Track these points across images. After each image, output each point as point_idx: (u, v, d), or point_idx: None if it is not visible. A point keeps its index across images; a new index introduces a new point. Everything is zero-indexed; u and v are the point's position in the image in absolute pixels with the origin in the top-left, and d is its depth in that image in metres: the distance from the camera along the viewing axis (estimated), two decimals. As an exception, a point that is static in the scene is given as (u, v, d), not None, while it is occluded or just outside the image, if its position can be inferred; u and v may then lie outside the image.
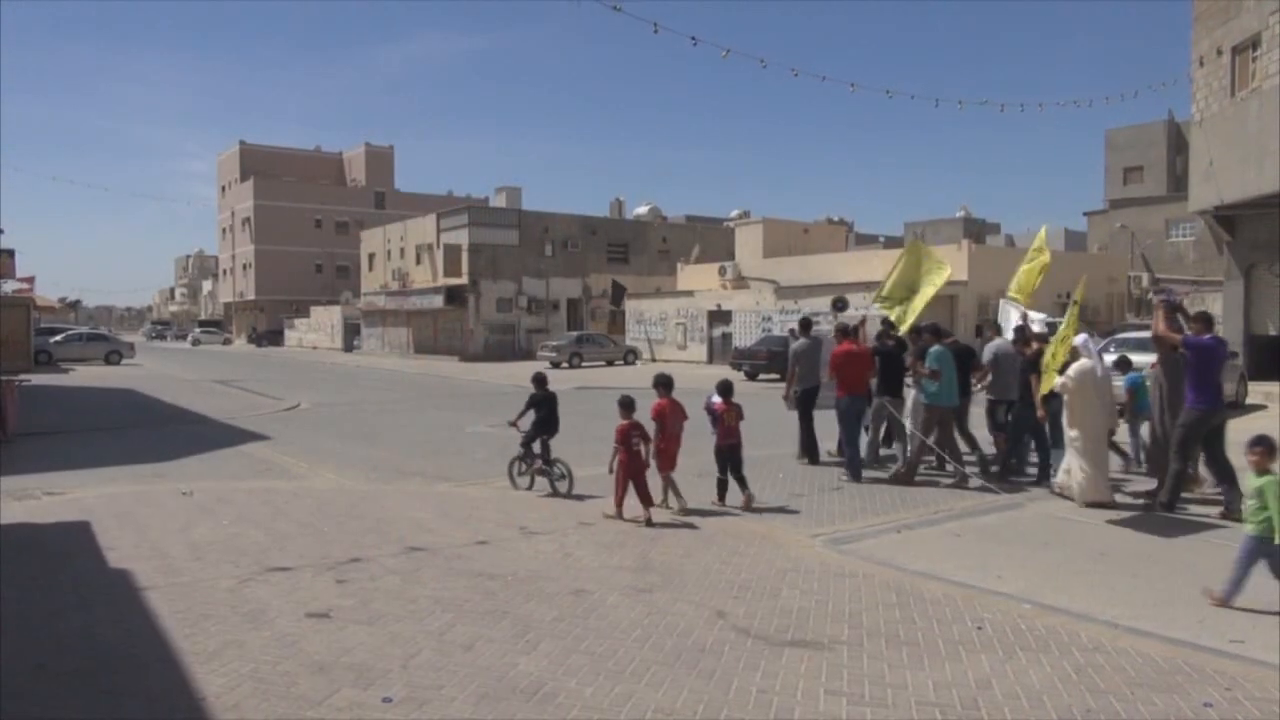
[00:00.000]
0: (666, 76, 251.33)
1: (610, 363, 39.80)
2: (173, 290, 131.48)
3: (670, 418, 9.04)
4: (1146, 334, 20.23)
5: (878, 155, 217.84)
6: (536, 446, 10.12)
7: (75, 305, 70.20)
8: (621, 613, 5.75)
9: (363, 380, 30.58)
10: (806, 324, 12.96)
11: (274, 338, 70.69)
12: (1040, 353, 9.92)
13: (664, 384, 9.28)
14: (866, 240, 64.83)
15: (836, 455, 11.85)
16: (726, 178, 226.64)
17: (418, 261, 51.67)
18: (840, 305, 23.96)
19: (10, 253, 29.61)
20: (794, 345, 12.62)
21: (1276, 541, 5.79)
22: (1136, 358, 16.60)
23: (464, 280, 46.28)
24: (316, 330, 65.35)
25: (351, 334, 58.86)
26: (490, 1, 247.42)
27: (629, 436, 8.63)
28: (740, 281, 39.99)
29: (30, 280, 35.32)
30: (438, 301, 47.33)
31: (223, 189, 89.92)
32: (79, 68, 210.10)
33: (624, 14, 16.96)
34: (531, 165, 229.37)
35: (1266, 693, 4.57)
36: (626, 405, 8.86)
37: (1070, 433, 9.45)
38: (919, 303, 11.76)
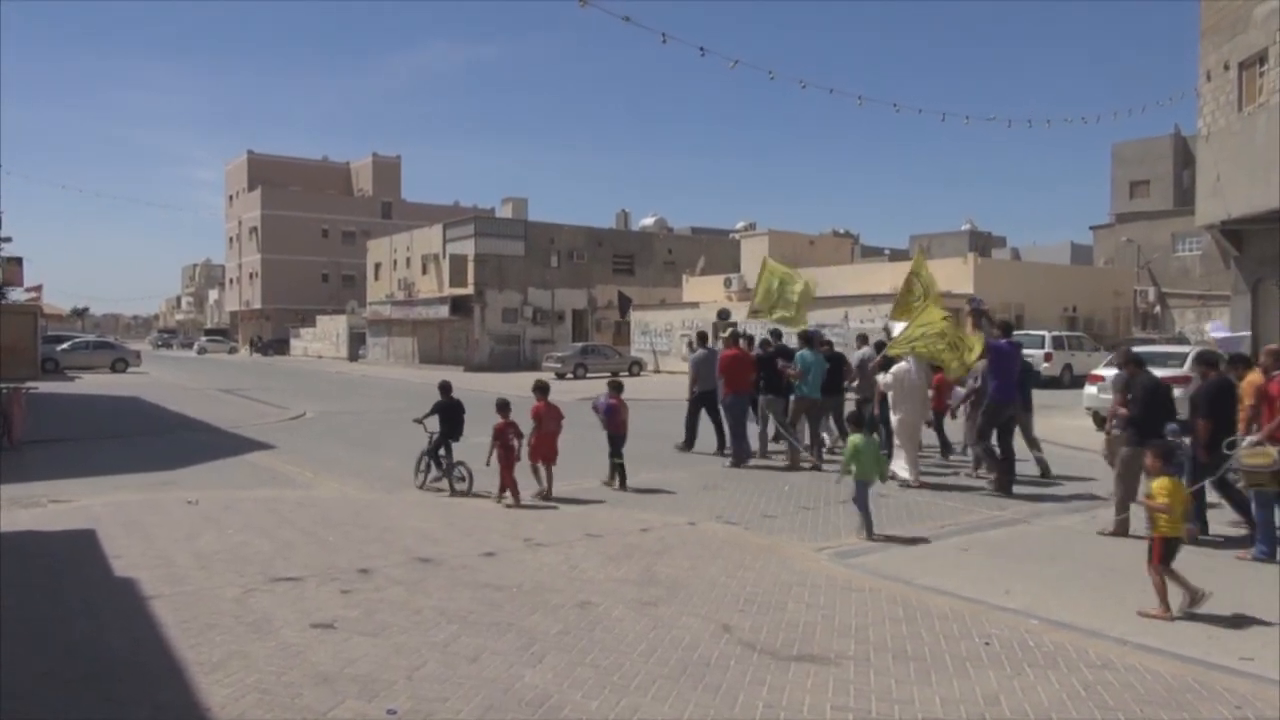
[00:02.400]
0: (674, 88, 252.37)
1: (615, 374, 39.73)
2: (179, 299, 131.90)
3: (546, 418, 10.35)
4: (1152, 348, 20.21)
5: (884, 168, 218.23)
6: (443, 450, 10.88)
7: (83, 313, 70.27)
8: (627, 625, 5.73)
9: (368, 389, 30.62)
10: (703, 337, 15.83)
11: (279, 347, 70.79)
12: (888, 360, 12.06)
13: (541, 389, 10.66)
14: (872, 253, 64.76)
15: (773, 441, 13.48)
16: (733, 189, 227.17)
17: (424, 271, 51.77)
18: (724, 315, 27.03)
19: (18, 260, 29.71)
20: (692, 356, 14.73)
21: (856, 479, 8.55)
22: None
23: (470, 290, 46.35)
24: (322, 339, 65.46)
25: (357, 343, 58.94)
26: (498, 11, 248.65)
27: (505, 434, 9.90)
28: (745, 293, 39.98)
29: (38, 288, 35.47)
30: (443, 311, 47.40)
31: (230, 198, 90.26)
32: (87, 75, 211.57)
33: (632, 24, 17.02)
34: (538, 176, 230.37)
35: (1277, 711, 4.54)
36: (503, 407, 10.13)
37: (893, 420, 11.63)
38: (799, 313, 14.79)
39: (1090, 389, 17.35)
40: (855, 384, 13.52)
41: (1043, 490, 11.04)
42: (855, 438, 8.87)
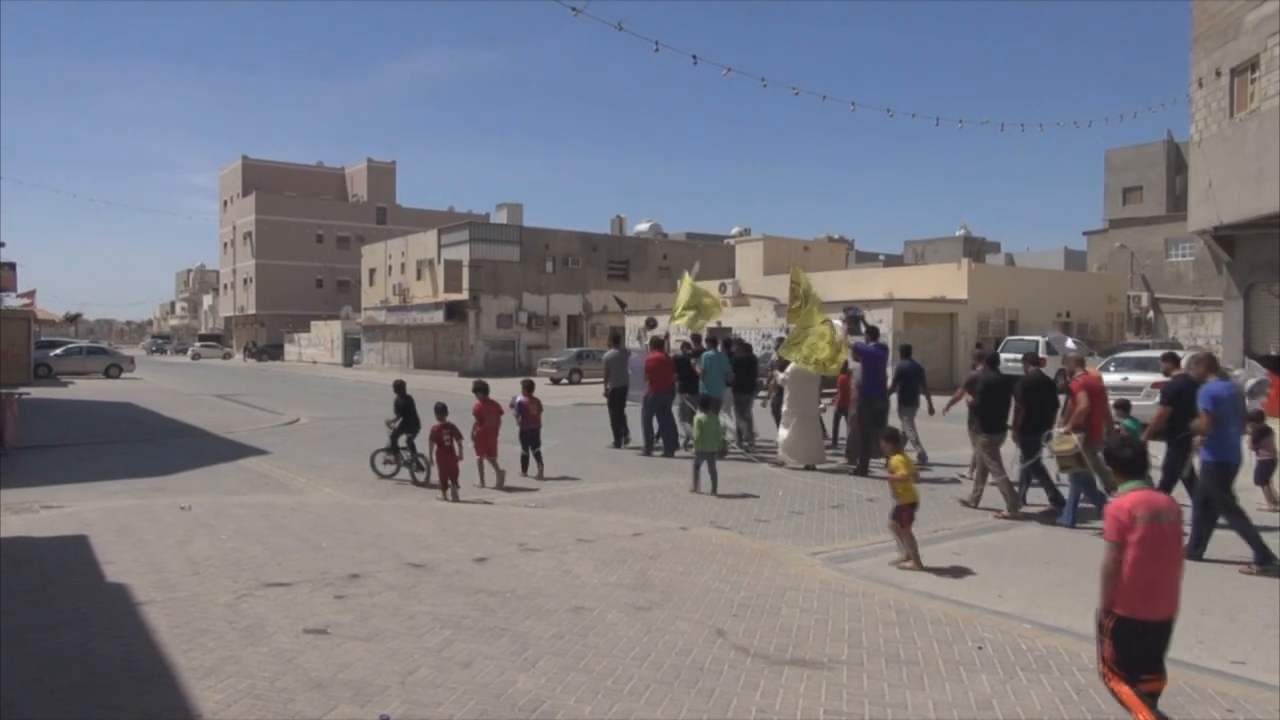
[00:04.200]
0: (668, 95, 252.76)
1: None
2: (173, 304, 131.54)
3: (486, 415, 11.44)
4: (1145, 353, 20.32)
5: (878, 173, 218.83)
6: (402, 441, 12.01)
7: (77, 319, 70.08)
8: (620, 630, 5.73)
9: (362, 395, 30.55)
10: (616, 338, 17.22)
11: (274, 352, 70.66)
12: (752, 361, 14.89)
13: (482, 389, 11.81)
14: (867, 258, 64.91)
15: (735, 445, 14.62)
16: (728, 195, 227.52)
17: (418, 277, 51.73)
18: (650, 324, 29.07)
19: (11, 266, 29.60)
20: (605, 355, 16.61)
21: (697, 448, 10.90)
22: (1135, 376, 16.61)
23: (464, 296, 46.32)
24: (316, 345, 65.35)
25: (352, 349, 58.84)
26: (494, 18, 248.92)
27: (441, 435, 10.65)
28: (740, 299, 40.05)
29: (31, 294, 35.32)
30: (438, 317, 47.37)
31: (224, 203, 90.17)
32: (80, 80, 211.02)
33: (626, 32, 17.10)
34: (533, 182, 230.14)
35: (1268, 714, 4.55)
36: (440, 411, 10.98)
37: (787, 412, 13.11)
38: (709, 315, 16.70)
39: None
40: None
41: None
42: (700, 416, 11.09)
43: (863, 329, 13.78)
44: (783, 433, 13.26)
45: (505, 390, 14.35)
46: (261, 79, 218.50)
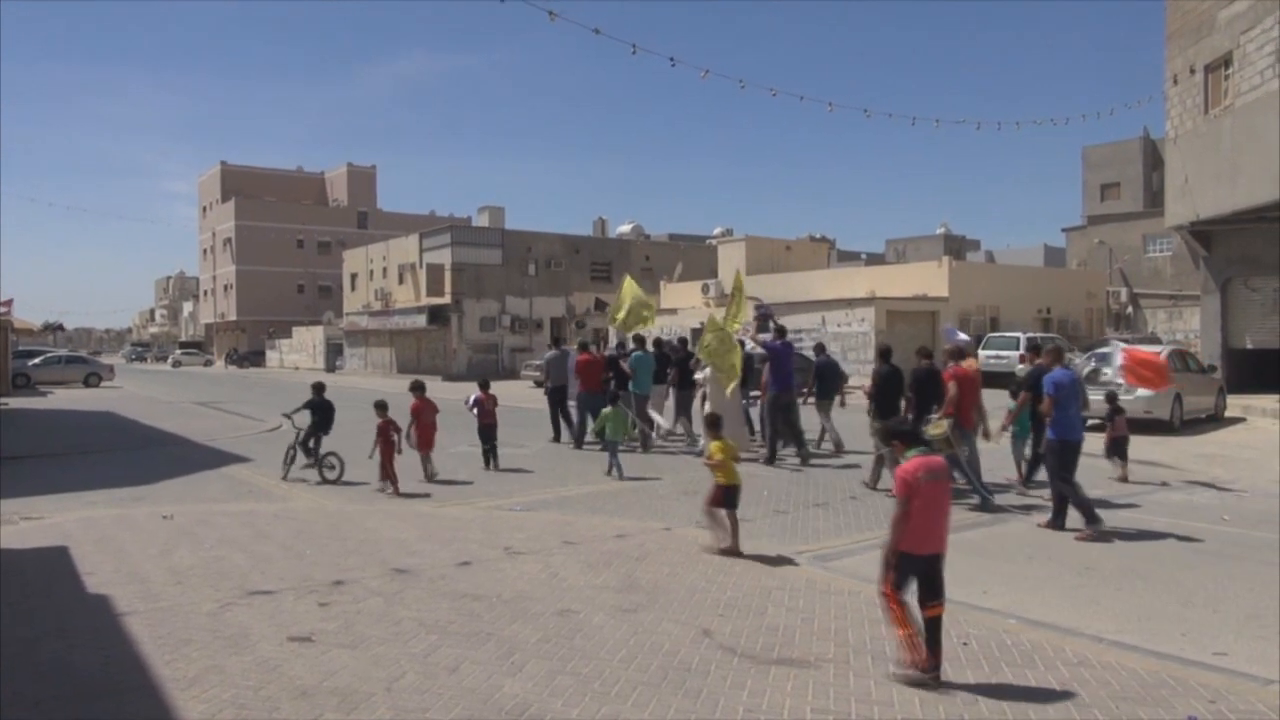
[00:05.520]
0: (647, 96, 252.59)
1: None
2: (153, 311, 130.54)
3: (423, 413, 11.98)
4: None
5: (858, 173, 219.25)
6: (313, 442, 12.42)
7: (58, 329, 69.30)
8: (607, 633, 5.72)
9: (345, 401, 30.28)
10: (557, 340, 18.68)
11: (255, 359, 70.19)
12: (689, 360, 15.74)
13: (419, 388, 12.32)
14: (849, 257, 65.16)
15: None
16: (709, 196, 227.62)
17: (400, 281, 51.56)
18: (580, 325, 30.62)
19: (-12, 275, 29.31)
20: (546, 355, 17.74)
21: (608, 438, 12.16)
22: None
23: (447, 300, 46.20)
24: (299, 351, 64.98)
25: (334, 354, 58.56)
26: (472, 21, 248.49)
27: (386, 430, 11.34)
28: (724, 299, 40.09)
29: (8, 303, 34.97)
30: (421, 321, 47.20)
31: (204, 209, 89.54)
32: (55, 86, 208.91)
33: (603, 35, 17.15)
34: (514, 185, 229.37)
35: (1250, 705, 4.60)
36: (381, 407, 11.61)
37: (708, 409, 13.36)
38: (644, 322, 17.41)
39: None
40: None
41: (1017, 495, 11.14)
42: (606, 410, 12.46)
43: (771, 327, 14.71)
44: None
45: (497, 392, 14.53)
46: (240, 84, 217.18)
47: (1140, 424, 16.67)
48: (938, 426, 9.99)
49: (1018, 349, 27.89)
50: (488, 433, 13.29)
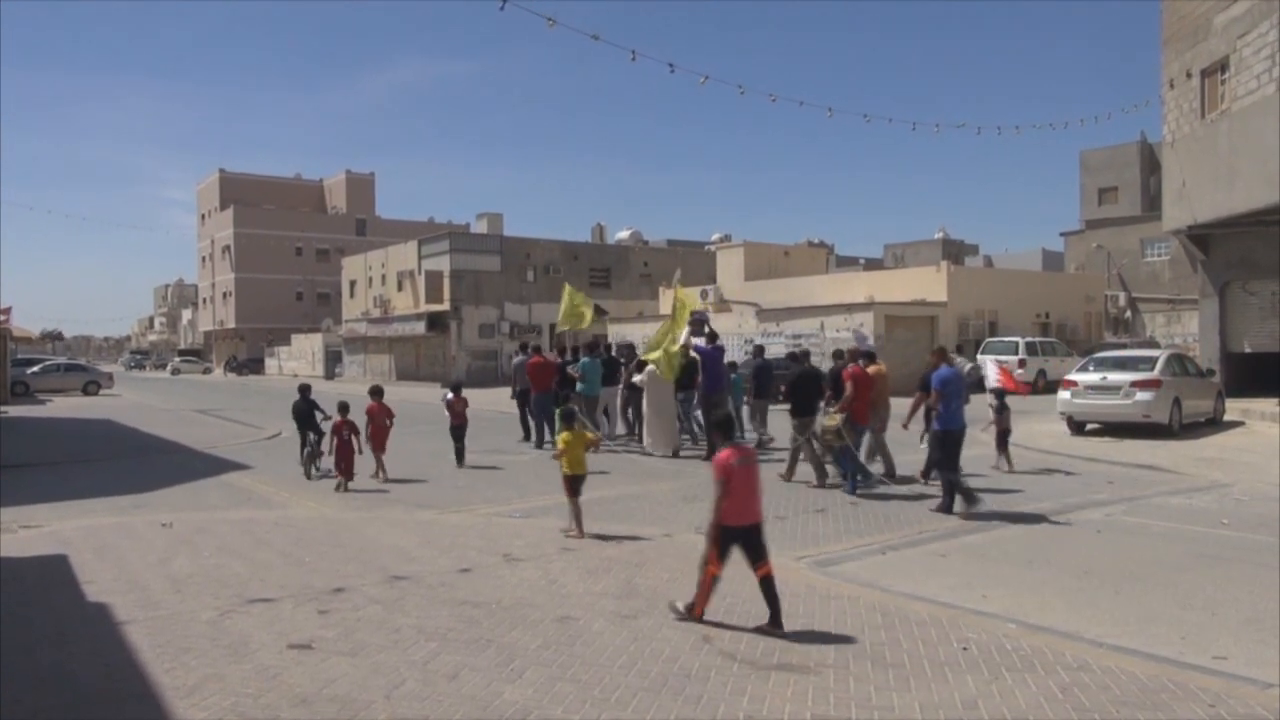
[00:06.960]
0: (647, 102, 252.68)
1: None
2: (152, 319, 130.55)
3: (378, 415, 12.75)
4: (1124, 353, 20.51)
5: (857, 178, 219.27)
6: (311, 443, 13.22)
7: (57, 337, 69.30)
8: (607, 639, 5.72)
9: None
10: (524, 346, 19.08)
11: (254, 366, 70.15)
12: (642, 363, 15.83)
13: (376, 392, 13.14)
14: (847, 262, 65.22)
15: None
16: (708, 202, 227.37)
17: (399, 288, 51.54)
18: (527, 329, 31.54)
19: (-13, 284, 29.33)
20: (513, 361, 18.71)
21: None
22: (1114, 376, 16.78)
23: (446, 306, 46.18)
24: (298, 358, 64.94)
25: (333, 361, 58.51)
26: (471, 28, 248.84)
27: (341, 430, 12.02)
28: (722, 305, 40.09)
29: (7, 311, 35.00)
30: (420, 328, 47.18)
31: (202, 217, 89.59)
32: (56, 94, 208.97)
33: (602, 42, 17.24)
34: (513, 191, 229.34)
35: (1250, 709, 4.60)
36: (342, 409, 12.24)
37: (648, 409, 15.18)
38: (582, 321, 18.27)
39: (1064, 394, 17.49)
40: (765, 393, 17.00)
41: (1014, 497, 11.14)
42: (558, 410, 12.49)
43: (705, 331, 16.08)
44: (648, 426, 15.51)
45: (489, 401, 14.65)
46: (239, 92, 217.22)
47: (1139, 428, 16.72)
48: (831, 419, 11.02)
49: (1016, 354, 27.96)
50: (457, 432, 14.27)
